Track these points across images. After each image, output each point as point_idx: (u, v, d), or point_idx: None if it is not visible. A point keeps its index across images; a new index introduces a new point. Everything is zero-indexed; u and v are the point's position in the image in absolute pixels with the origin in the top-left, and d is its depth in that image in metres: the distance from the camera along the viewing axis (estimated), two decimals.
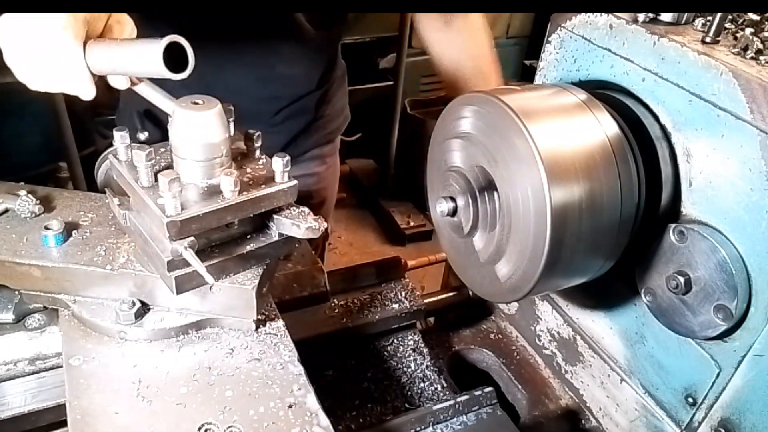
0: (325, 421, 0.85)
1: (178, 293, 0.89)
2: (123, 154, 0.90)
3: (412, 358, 1.36)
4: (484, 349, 1.43)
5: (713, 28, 0.93)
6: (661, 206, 0.98)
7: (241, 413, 0.85)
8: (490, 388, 1.21)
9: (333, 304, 1.38)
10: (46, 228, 0.96)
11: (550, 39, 1.17)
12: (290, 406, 0.87)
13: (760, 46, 0.89)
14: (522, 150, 0.90)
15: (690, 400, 1.01)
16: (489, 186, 0.99)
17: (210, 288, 0.92)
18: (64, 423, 0.88)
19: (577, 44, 1.11)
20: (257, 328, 0.97)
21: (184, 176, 0.87)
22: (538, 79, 1.22)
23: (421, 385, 1.30)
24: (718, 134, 0.89)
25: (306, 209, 0.94)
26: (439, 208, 1.05)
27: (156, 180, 0.84)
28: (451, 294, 1.51)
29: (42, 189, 1.07)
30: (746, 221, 0.87)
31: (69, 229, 0.98)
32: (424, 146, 1.16)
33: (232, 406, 0.86)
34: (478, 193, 1.00)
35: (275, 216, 0.93)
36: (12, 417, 0.97)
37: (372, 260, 1.53)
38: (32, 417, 0.98)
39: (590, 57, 1.09)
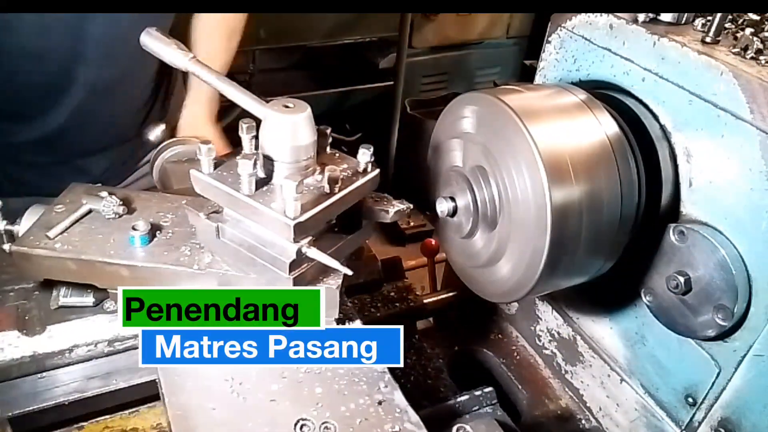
0: (414, 417, 0.87)
1: None
2: (206, 167, 0.91)
3: (412, 358, 1.36)
4: (484, 349, 1.43)
5: (713, 28, 0.93)
6: (661, 206, 0.98)
7: (333, 409, 0.87)
8: (490, 388, 1.21)
9: None
10: (134, 228, 0.98)
11: (550, 39, 1.17)
12: (380, 403, 0.89)
13: (760, 46, 0.89)
14: (522, 150, 0.90)
15: (690, 400, 1.01)
16: (489, 186, 0.99)
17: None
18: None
19: (577, 44, 1.11)
20: (337, 326, 0.99)
21: (282, 179, 0.89)
22: (538, 79, 1.22)
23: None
24: (718, 134, 0.89)
25: (388, 195, 0.99)
26: (439, 208, 1.05)
27: (256, 188, 0.87)
28: (451, 294, 1.51)
29: (119, 191, 1.09)
30: (746, 221, 0.87)
31: (153, 229, 1.00)
32: (424, 146, 1.16)
33: (324, 402, 0.88)
34: (478, 193, 1.00)
35: (364, 205, 0.96)
36: (89, 397, 0.99)
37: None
38: (109, 397, 1.01)
39: (590, 57, 1.09)
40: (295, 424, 0.84)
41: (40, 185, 1.45)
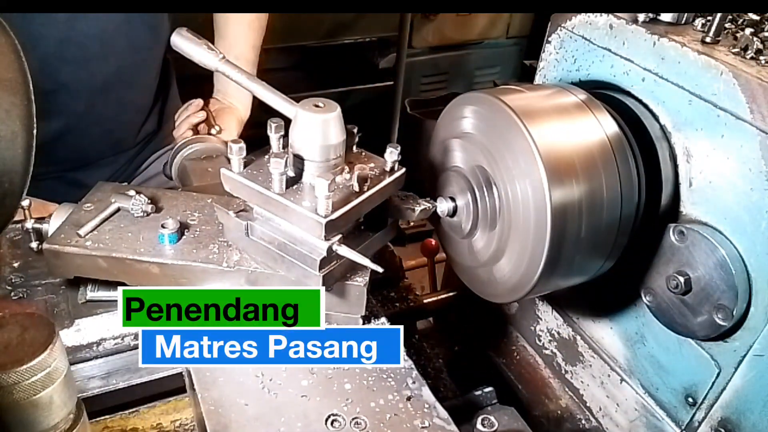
0: (443, 413, 0.88)
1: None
2: (237, 166, 0.91)
3: (412, 358, 1.36)
4: (485, 349, 1.43)
5: (713, 28, 0.93)
6: (661, 206, 0.98)
7: (363, 405, 0.88)
8: (490, 388, 1.21)
9: None
10: (163, 227, 0.99)
11: (550, 39, 1.17)
12: (408, 399, 0.90)
13: (760, 46, 0.89)
14: (522, 150, 0.90)
15: (690, 400, 1.01)
16: (489, 186, 0.99)
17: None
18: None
19: (577, 44, 1.11)
20: (363, 323, 1.00)
21: (313, 177, 0.90)
22: (538, 79, 1.22)
23: None
24: (718, 134, 0.89)
25: (413, 194, 1.00)
26: (439, 208, 1.05)
27: (286, 186, 0.88)
28: (451, 294, 1.51)
29: (146, 189, 1.11)
30: (746, 221, 0.87)
31: (181, 228, 1.02)
32: (424, 146, 1.16)
33: (353, 398, 0.89)
34: (478, 193, 1.00)
35: (390, 203, 0.97)
36: (116, 390, 1.00)
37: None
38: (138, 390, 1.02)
39: (590, 57, 1.09)
40: (326, 420, 0.85)
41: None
